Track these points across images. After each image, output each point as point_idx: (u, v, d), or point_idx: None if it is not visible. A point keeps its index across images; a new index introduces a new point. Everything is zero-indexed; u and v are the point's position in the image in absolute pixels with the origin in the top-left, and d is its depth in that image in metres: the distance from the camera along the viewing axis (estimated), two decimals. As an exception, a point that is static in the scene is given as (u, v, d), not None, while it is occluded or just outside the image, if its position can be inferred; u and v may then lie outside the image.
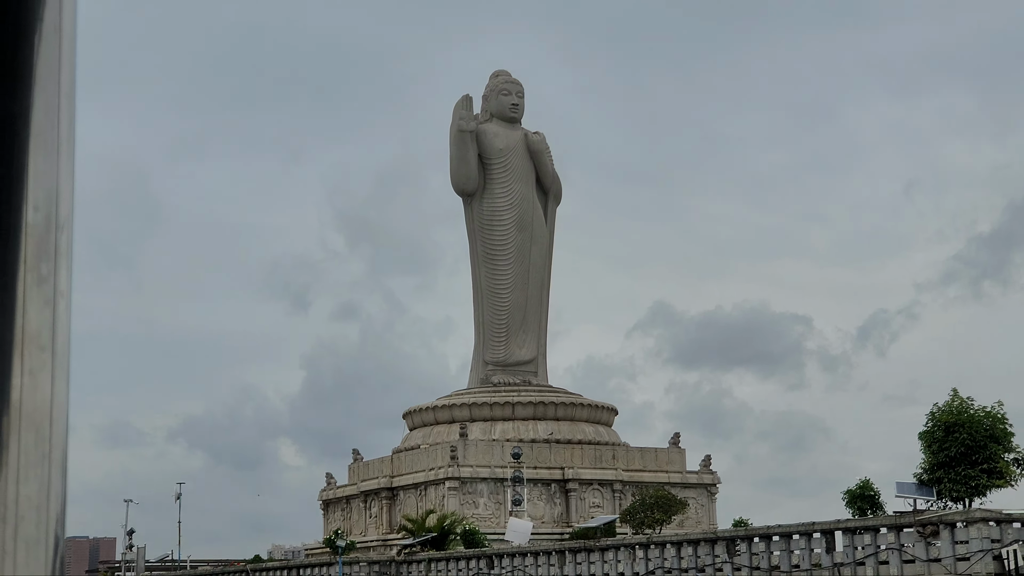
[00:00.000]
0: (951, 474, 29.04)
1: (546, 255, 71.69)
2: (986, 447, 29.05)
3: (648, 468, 64.78)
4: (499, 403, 65.03)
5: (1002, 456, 29.08)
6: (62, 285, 1.21)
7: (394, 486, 63.18)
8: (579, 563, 38.87)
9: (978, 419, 29.40)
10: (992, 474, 28.93)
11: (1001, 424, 29.75)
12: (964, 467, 28.96)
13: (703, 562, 34.63)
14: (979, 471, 28.92)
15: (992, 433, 29.29)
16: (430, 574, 45.12)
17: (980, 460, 29.02)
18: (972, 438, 29.21)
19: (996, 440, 29.33)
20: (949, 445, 29.37)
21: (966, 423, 29.41)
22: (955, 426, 29.49)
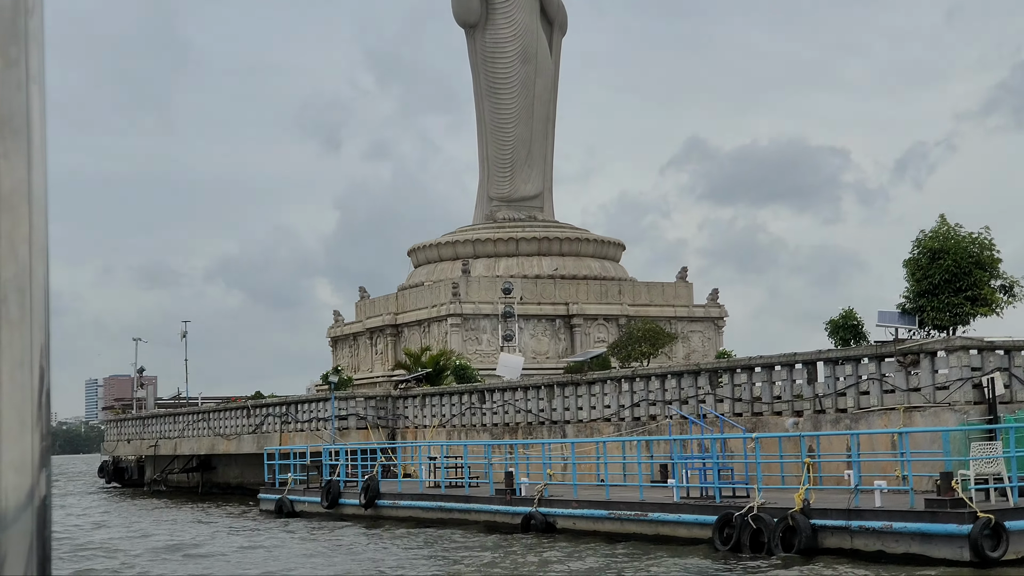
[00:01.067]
0: (934, 302, 28.07)
1: (551, 88, 69.79)
2: (971, 274, 27.96)
3: (655, 303, 64.34)
4: (503, 239, 64.36)
5: (987, 283, 28.02)
6: (33, 69, 1.17)
7: (398, 323, 63.24)
8: (567, 396, 38.71)
9: (963, 245, 28.27)
10: (976, 301, 27.95)
11: (988, 250, 28.61)
12: (947, 294, 27.97)
13: (686, 394, 34.28)
14: (963, 298, 27.93)
15: (978, 260, 28.17)
16: (424, 408, 45.25)
17: (964, 287, 28.00)
18: (957, 265, 28.11)
19: (981, 267, 28.23)
20: (933, 272, 28.32)
21: (951, 250, 28.30)
22: (940, 252, 28.39)
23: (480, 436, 41.85)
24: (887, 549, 21.37)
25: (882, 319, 29.02)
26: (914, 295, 28.81)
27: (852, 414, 29.29)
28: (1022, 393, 27.58)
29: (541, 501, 29.24)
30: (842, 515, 22.12)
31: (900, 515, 21.22)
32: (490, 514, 31.04)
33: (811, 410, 30.40)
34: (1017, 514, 20.53)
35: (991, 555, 19.94)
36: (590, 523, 27.93)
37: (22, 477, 1.22)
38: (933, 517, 20.67)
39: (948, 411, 27.00)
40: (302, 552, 27.49)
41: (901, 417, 27.86)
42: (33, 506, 1.22)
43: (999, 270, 28.95)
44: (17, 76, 1.17)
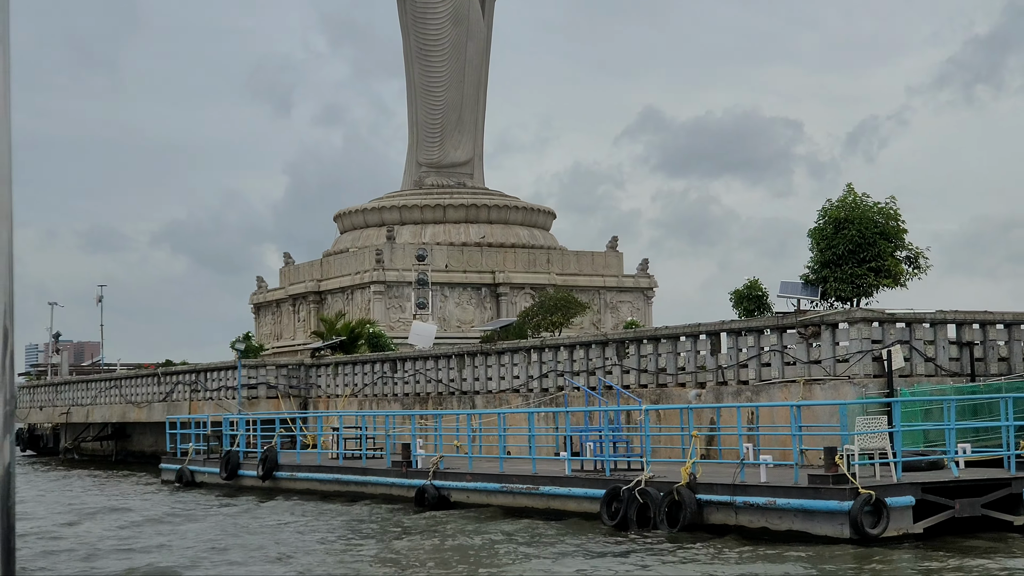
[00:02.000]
0: (837, 272, 27.49)
1: (484, 52, 68.52)
2: (875, 244, 27.40)
3: (584, 272, 63.67)
4: (429, 205, 63.24)
5: (891, 254, 27.46)
6: None
7: (322, 290, 62.05)
8: (477, 367, 37.90)
9: (869, 215, 27.68)
10: (880, 273, 27.40)
11: (893, 220, 28.05)
12: (851, 265, 27.41)
13: (594, 365, 33.58)
14: (866, 269, 27.37)
15: (883, 230, 27.61)
16: (337, 378, 44.26)
17: (868, 258, 27.44)
18: (861, 235, 27.53)
19: (886, 237, 27.68)
20: (837, 242, 27.72)
21: (856, 219, 27.71)
22: (845, 222, 27.79)
23: (391, 406, 40.97)
24: (771, 526, 20.78)
25: (784, 290, 28.45)
26: (818, 265, 28.22)
27: (753, 386, 28.74)
28: (922, 366, 27.15)
29: (436, 474, 28.42)
30: (728, 490, 21.51)
31: (784, 491, 20.62)
32: (386, 487, 30.19)
33: (714, 382, 29.83)
34: (899, 490, 20.00)
35: (871, 532, 19.41)
36: (484, 497, 27.16)
37: None
38: (815, 493, 20.09)
39: (847, 384, 26.50)
40: (157, 530, 26.49)
41: (801, 390, 27.34)
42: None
43: (904, 241, 28.42)
44: None
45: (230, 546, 22.52)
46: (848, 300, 27.93)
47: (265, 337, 66.93)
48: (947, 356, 27.56)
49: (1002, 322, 28.41)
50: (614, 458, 24.78)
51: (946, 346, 27.62)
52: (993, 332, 28.27)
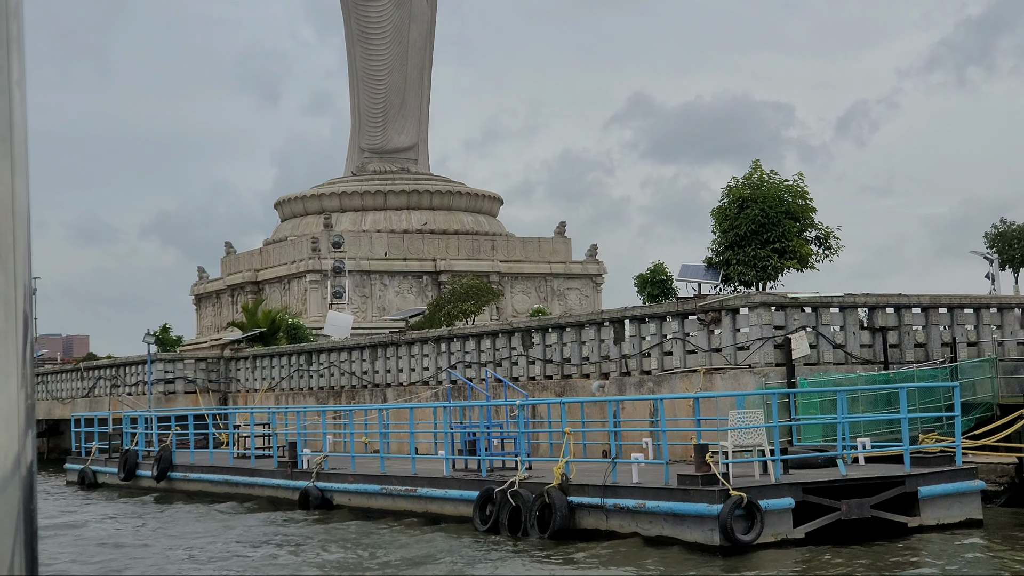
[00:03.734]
0: (740, 254, 25.79)
1: (427, 34, 66.61)
2: (779, 224, 25.69)
3: (530, 259, 61.94)
4: (370, 192, 61.37)
5: (796, 234, 25.73)
6: (15, 74, 1.15)
7: (259, 280, 60.21)
8: (388, 358, 36.18)
9: (774, 193, 25.95)
10: (784, 254, 25.70)
11: (801, 199, 26.33)
12: (754, 247, 25.71)
13: (501, 355, 31.88)
14: (770, 251, 25.66)
15: (788, 209, 25.90)
16: (255, 371, 42.51)
17: (772, 239, 25.73)
18: (765, 214, 25.82)
19: (793, 217, 25.97)
20: (740, 223, 26.01)
21: (760, 198, 25.99)
22: (749, 201, 26.08)
23: (307, 400, 39.26)
24: (641, 531, 19.11)
25: (684, 273, 26.78)
26: (722, 247, 26.52)
27: (656, 376, 27.07)
28: (830, 354, 25.50)
29: (320, 475, 26.70)
30: (598, 492, 19.83)
31: (653, 492, 18.95)
32: (272, 488, 28.46)
33: (617, 372, 28.16)
34: (777, 491, 18.33)
35: (743, 538, 17.74)
36: (365, 499, 25.44)
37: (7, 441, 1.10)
38: (684, 495, 18.41)
39: (748, 373, 24.84)
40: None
41: (702, 380, 25.69)
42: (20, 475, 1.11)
43: (813, 220, 26.72)
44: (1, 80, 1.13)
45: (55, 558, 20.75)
46: (752, 284, 26.24)
47: (206, 329, 65.13)
48: (858, 343, 25.92)
49: (918, 305, 26.79)
50: (491, 457, 23.07)
51: (857, 332, 25.98)
52: (909, 316, 26.63)
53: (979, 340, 27.38)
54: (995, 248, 33.46)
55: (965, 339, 27.24)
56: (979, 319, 27.58)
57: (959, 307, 27.22)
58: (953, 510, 19.81)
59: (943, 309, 27.10)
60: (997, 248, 33.13)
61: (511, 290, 60.76)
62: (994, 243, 33.77)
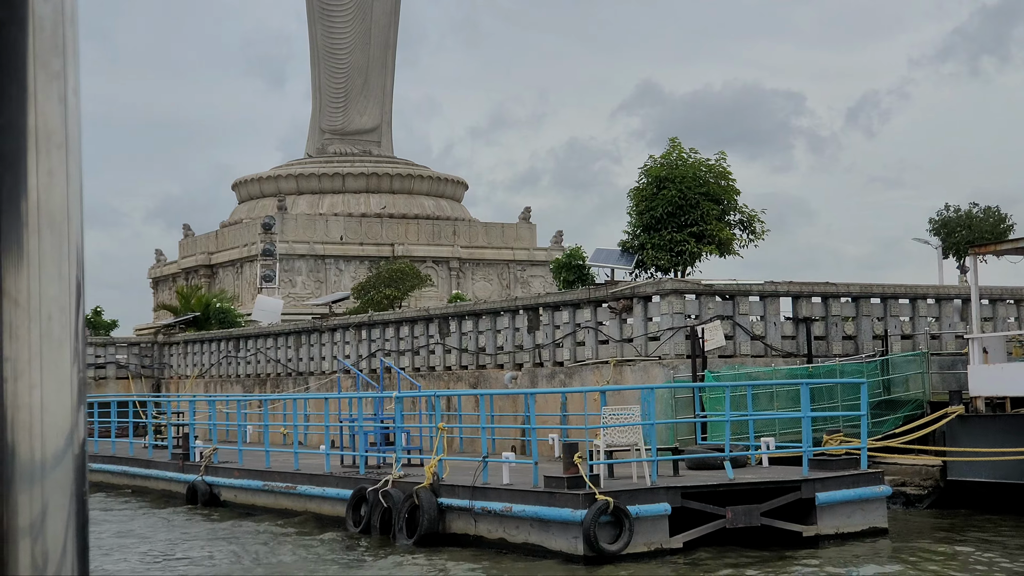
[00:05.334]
0: (655, 238, 24.07)
1: (392, 12, 64.78)
2: (697, 206, 23.97)
3: (493, 245, 60.27)
4: (328, 174, 59.68)
5: (714, 218, 23.99)
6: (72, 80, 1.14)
7: (213, 263, 58.61)
8: (312, 345, 34.54)
9: (692, 173, 24.21)
10: (702, 239, 23.98)
11: (723, 179, 24.58)
12: (670, 230, 23.99)
13: (419, 343, 30.24)
14: (687, 235, 23.94)
15: (708, 190, 24.17)
16: (187, 357, 40.91)
17: (689, 222, 24.01)
18: (683, 195, 24.10)
19: (713, 199, 24.23)
20: (656, 204, 24.29)
21: (678, 178, 24.27)
22: (666, 181, 24.35)
23: (234, 388, 37.68)
24: (508, 537, 17.45)
25: (597, 257, 25.09)
26: (639, 230, 24.81)
27: (568, 368, 25.43)
28: (748, 345, 23.82)
29: (208, 469, 25.09)
30: (467, 493, 18.18)
31: (521, 495, 17.30)
32: (165, 482, 26.87)
33: (531, 363, 26.51)
34: (651, 496, 16.66)
35: (608, 548, 16.08)
36: (249, 496, 23.82)
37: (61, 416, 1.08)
38: (550, 499, 16.77)
39: (658, 366, 23.19)
40: None
41: (611, 372, 24.04)
42: (72, 451, 1.09)
43: (736, 203, 24.98)
44: (59, 89, 1.13)
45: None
46: (668, 270, 24.53)
47: (164, 314, 63.60)
48: (779, 334, 24.24)
49: (848, 295, 25.10)
50: (372, 454, 21.41)
51: (779, 323, 24.30)
52: (837, 306, 24.95)
53: (914, 332, 25.70)
54: (939, 235, 31.84)
55: (899, 331, 25.56)
56: (915, 310, 25.90)
57: (892, 297, 25.53)
58: (855, 518, 18.14)
59: (875, 299, 25.42)
60: (941, 235, 31.48)
61: (472, 276, 59.16)
62: (938, 230, 32.10)
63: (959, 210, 31.86)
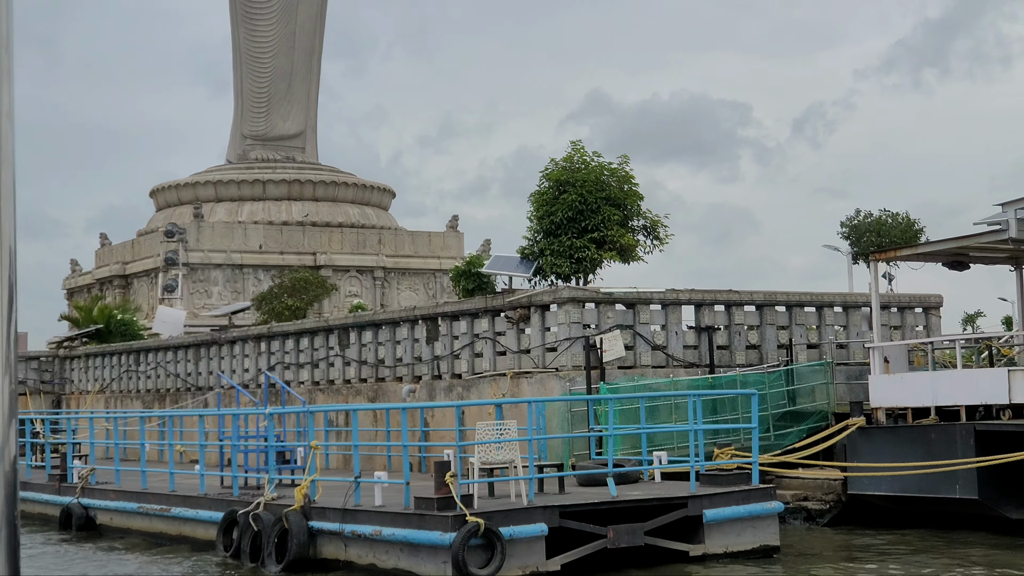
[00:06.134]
0: (554, 244, 23.22)
1: (317, 16, 63.53)
2: (599, 211, 23.15)
3: (419, 254, 59.14)
4: (247, 181, 58.15)
5: (616, 223, 23.18)
6: (6, 105, 1.27)
7: (127, 273, 56.86)
8: (211, 358, 33.27)
9: (593, 176, 23.40)
10: (603, 245, 23.16)
11: (626, 183, 23.79)
12: (570, 236, 23.14)
13: (318, 355, 29.12)
14: (587, 241, 23.10)
15: (609, 195, 23.36)
16: (88, 371, 39.39)
17: (590, 227, 23.17)
18: (583, 200, 23.26)
19: (614, 204, 23.43)
20: (556, 209, 23.43)
21: (578, 182, 23.45)
22: (566, 185, 23.51)
23: (134, 404, 36.26)
24: (378, 562, 16.40)
25: (494, 265, 24.18)
26: (540, 236, 23.92)
27: (466, 380, 24.45)
28: (649, 355, 23.00)
29: (84, 491, 23.76)
30: (338, 516, 17.13)
31: (391, 518, 16.28)
32: (42, 505, 25.47)
33: (429, 375, 25.50)
34: (526, 516, 15.71)
35: (479, 573, 15.12)
36: (125, 519, 22.53)
37: None
38: (420, 521, 15.78)
39: (554, 378, 22.29)
40: None
41: (508, 384, 23.10)
42: (3, 469, 1.15)
43: (640, 208, 24.17)
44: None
45: None
46: (569, 277, 23.65)
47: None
48: (681, 344, 23.46)
49: (752, 303, 24.40)
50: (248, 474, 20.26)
51: (680, 332, 23.52)
52: (740, 315, 24.23)
53: (821, 341, 25.06)
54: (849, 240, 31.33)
55: (805, 340, 24.90)
56: (822, 319, 25.26)
57: (798, 305, 24.87)
58: (745, 536, 17.34)
59: (780, 307, 24.75)
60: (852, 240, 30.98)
61: (398, 286, 58.04)
62: (849, 235, 31.60)
63: (870, 215, 31.44)
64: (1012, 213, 19.86)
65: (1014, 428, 19.33)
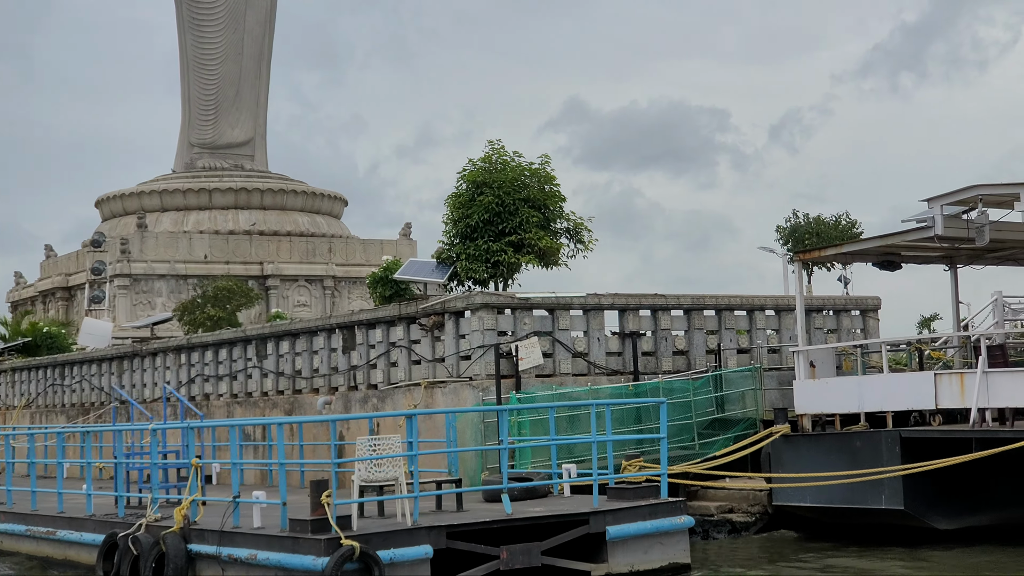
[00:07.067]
0: (470, 248, 22.18)
1: (266, 22, 62.36)
2: (516, 213, 22.14)
3: (372, 262, 57.77)
4: (193, 190, 56.86)
5: (535, 226, 22.16)
6: None
7: (71, 285, 55.47)
8: (134, 370, 32.04)
9: (512, 177, 22.39)
10: (521, 248, 22.14)
11: (547, 184, 22.79)
12: (486, 239, 22.11)
13: (236, 367, 27.95)
14: (504, 244, 22.07)
15: (528, 195, 22.36)
16: (15, 386, 38.06)
17: (508, 230, 22.14)
18: (500, 202, 22.24)
19: (534, 205, 22.42)
20: (473, 211, 22.40)
21: (495, 183, 22.44)
22: (483, 186, 22.49)
23: (59, 418, 34.95)
24: (255, 588, 15.34)
25: (408, 270, 23.09)
26: (458, 240, 22.85)
27: (381, 391, 23.35)
28: (569, 363, 21.95)
29: (-23, 511, 22.49)
30: (216, 539, 16.00)
31: (267, 541, 15.17)
32: (-63, 527, 24.18)
33: (345, 386, 24.39)
34: (407, 539, 14.60)
35: (354, 600, 14.04)
36: (14, 542, 21.31)
37: None
38: (294, 545, 14.68)
39: (468, 387, 21.21)
40: None
41: (422, 395, 22.02)
42: None
43: (562, 210, 23.15)
44: None
45: None
46: (485, 282, 22.57)
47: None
48: (604, 350, 22.42)
49: (679, 307, 23.40)
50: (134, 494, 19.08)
51: (603, 338, 22.49)
52: (667, 320, 23.22)
53: (751, 346, 24.08)
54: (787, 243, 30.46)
55: (736, 345, 23.92)
56: (753, 322, 24.30)
57: (728, 309, 23.89)
58: (652, 553, 16.29)
59: (710, 311, 23.76)
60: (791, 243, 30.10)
61: (348, 295, 56.88)
62: (788, 238, 30.72)
63: (808, 216, 30.61)
64: (938, 210, 18.95)
65: (940, 435, 18.40)
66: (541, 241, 22.26)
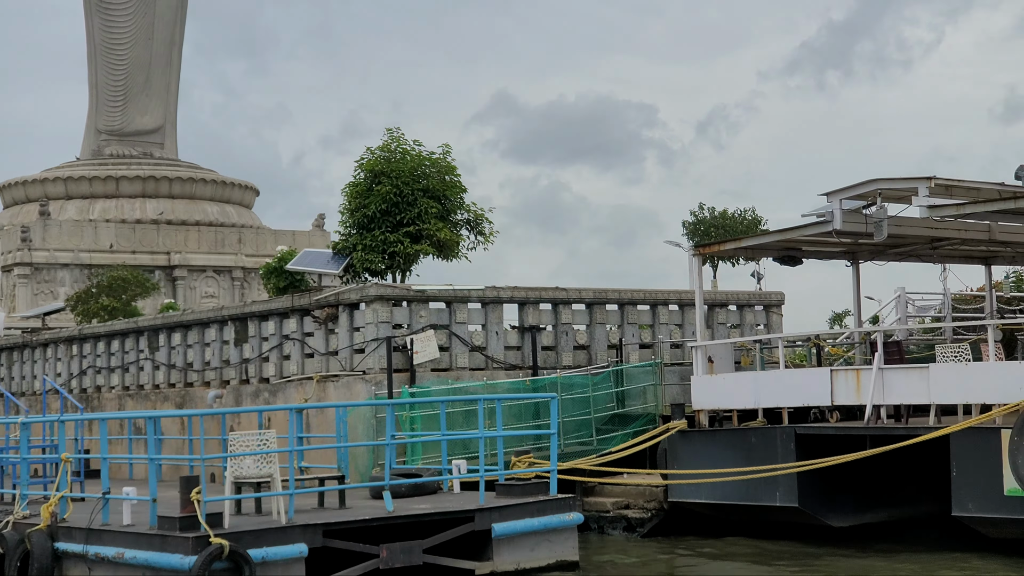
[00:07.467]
0: (367, 239, 21.63)
1: (178, 6, 60.78)
2: (415, 204, 21.63)
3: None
4: (100, 177, 55.26)
5: (434, 216, 21.68)
6: None
7: (-31, 274, 53.66)
8: (24, 362, 30.93)
9: (412, 167, 21.87)
10: (420, 239, 21.64)
11: (448, 174, 22.32)
12: (383, 230, 21.58)
13: (129, 359, 27.04)
14: (401, 235, 21.56)
15: (427, 186, 21.88)
16: (-99, 377, 36.53)
17: (405, 221, 21.63)
18: (399, 192, 21.71)
19: (433, 196, 21.94)
20: (370, 201, 21.83)
21: (394, 172, 21.89)
22: (382, 176, 21.95)
23: (-55, 412, 33.59)
24: (122, 588, 14.64)
25: (301, 261, 22.48)
26: (355, 230, 22.25)
27: (273, 385, 22.68)
28: (466, 357, 21.50)
29: None
30: (83, 536, 15.26)
31: (134, 539, 14.48)
32: None
33: (237, 379, 23.66)
34: (280, 537, 14.02)
35: (223, 602, 13.42)
36: None
37: None
38: (162, 543, 14.02)
39: (361, 381, 20.65)
40: None
41: (315, 388, 21.40)
42: None
43: (462, 201, 22.67)
44: None
45: None
46: (382, 274, 22.02)
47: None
48: (503, 344, 22.00)
49: (581, 301, 23.06)
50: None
51: (502, 332, 22.07)
52: (568, 314, 22.88)
53: (654, 341, 23.85)
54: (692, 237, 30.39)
55: (638, 340, 23.66)
56: (656, 317, 24.06)
57: (631, 303, 23.62)
58: (539, 551, 15.90)
59: (612, 305, 23.47)
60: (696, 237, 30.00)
61: (258, 287, 55.74)
62: (693, 231, 30.63)
63: (713, 210, 30.51)
64: (837, 203, 18.80)
65: (835, 432, 18.27)
66: (440, 232, 21.75)
